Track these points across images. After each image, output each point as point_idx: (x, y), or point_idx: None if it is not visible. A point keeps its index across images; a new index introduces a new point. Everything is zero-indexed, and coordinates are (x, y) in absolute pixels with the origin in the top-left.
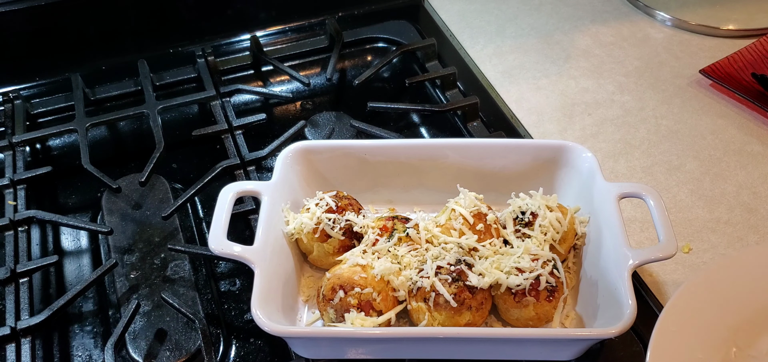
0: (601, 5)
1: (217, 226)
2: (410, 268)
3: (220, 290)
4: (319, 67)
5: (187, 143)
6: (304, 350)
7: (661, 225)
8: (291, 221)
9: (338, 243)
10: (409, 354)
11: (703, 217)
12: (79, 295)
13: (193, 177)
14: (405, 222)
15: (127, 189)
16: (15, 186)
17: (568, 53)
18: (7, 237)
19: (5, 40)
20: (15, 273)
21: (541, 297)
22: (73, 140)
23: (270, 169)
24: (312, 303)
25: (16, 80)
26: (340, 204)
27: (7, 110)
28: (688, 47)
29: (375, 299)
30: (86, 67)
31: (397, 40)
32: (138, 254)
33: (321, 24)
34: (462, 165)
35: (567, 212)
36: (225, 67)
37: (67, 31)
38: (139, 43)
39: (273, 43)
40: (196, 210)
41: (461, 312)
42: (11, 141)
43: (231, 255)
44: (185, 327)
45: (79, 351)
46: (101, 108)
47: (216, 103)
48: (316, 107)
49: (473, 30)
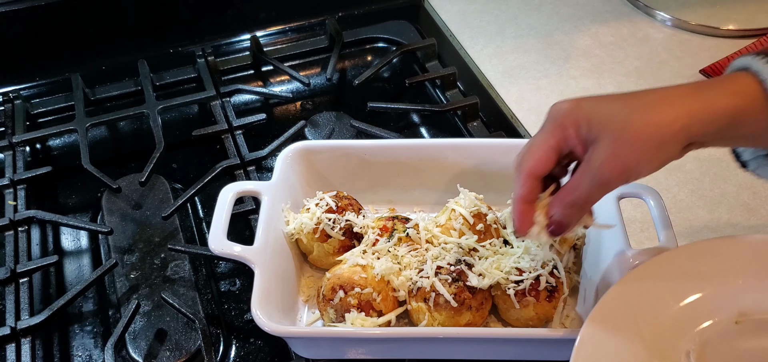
0: (601, 5)
1: (217, 226)
2: (410, 268)
3: (220, 290)
4: (319, 67)
5: (187, 143)
6: (304, 350)
7: (661, 226)
8: (291, 221)
9: (338, 243)
10: (409, 354)
11: (703, 217)
12: (79, 295)
13: (193, 177)
14: (405, 222)
15: (127, 189)
16: (15, 186)
17: (568, 53)
18: (7, 237)
19: (5, 40)
20: (15, 273)
21: (541, 298)
22: (73, 140)
23: (270, 169)
24: (312, 303)
25: (16, 80)
26: (340, 204)
27: (7, 110)
28: (689, 47)
29: (375, 299)
30: (86, 67)
31: (397, 40)
32: (138, 254)
33: (321, 24)
34: (462, 165)
35: None
36: (225, 67)
37: (67, 31)
38: (139, 43)
39: (273, 43)
40: (196, 210)
41: (461, 312)
42: (11, 141)
43: (231, 255)
44: (185, 327)
45: (79, 351)
46: (101, 108)
47: (216, 103)
48: (316, 107)
49: (473, 30)
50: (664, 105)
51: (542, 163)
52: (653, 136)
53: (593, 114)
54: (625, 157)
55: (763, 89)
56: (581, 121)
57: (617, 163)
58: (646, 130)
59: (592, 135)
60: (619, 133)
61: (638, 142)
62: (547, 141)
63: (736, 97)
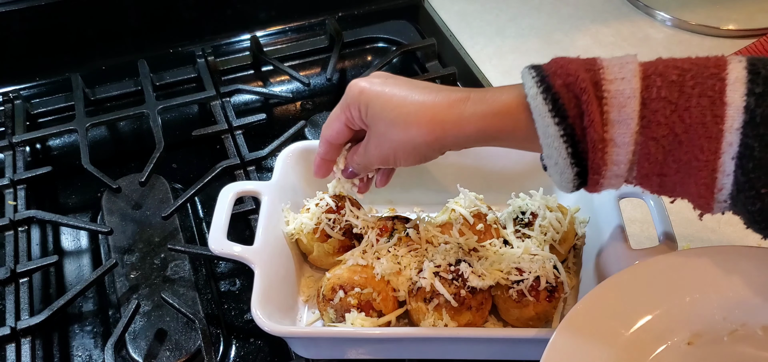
0: (602, 5)
1: (217, 226)
2: (410, 268)
3: (220, 290)
4: (319, 67)
5: (187, 143)
6: (304, 350)
7: (661, 226)
8: (291, 221)
9: (338, 243)
10: (409, 354)
11: (704, 217)
12: (79, 295)
13: (193, 177)
14: (405, 222)
15: (127, 189)
16: (15, 186)
17: (568, 53)
18: (7, 237)
19: (5, 40)
20: (15, 273)
21: (541, 298)
22: (73, 140)
23: (270, 169)
24: (312, 303)
25: (16, 80)
26: (340, 204)
27: (7, 110)
28: (689, 47)
29: (375, 299)
30: (86, 67)
31: (397, 40)
32: (138, 254)
33: (321, 24)
34: (462, 165)
35: (567, 212)
36: (225, 67)
37: (67, 31)
38: (139, 43)
39: (273, 43)
40: (196, 210)
41: (461, 312)
42: (11, 141)
43: (231, 255)
44: (185, 327)
45: (79, 351)
46: (101, 108)
47: (216, 103)
48: (316, 107)
49: (473, 30)
50: (426, 115)
51: (335, 135)
52: (409, 141)
53: (371, 105)
54: (387, 150)
55: (526, 104)
56: (362, 107)
57: (381, 152)
58: (404, 134)
59: (368, 121)
60: (384, 129)
61: (397, 143)
62: (340, 117)
63: (491, 117)
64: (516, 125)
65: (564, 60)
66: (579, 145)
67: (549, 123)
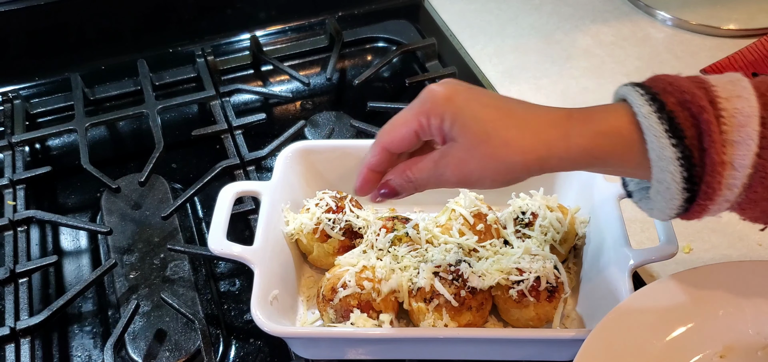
0: (602, 5)
1: (216, 226)
2: (410, 268)
3: (219, 290)
4: (319, 67)
5: (187, 143)
6: (304, 350)
7: (662, 226)
8: (291, 221)
9: (338, 243)
10: (409, 354)
11: (704, 218)
12: (78, 295)
13: (193, 177)
14: (405, 222)
15: (126, 189)
16: (14, 186)
17: (568, 53)
18: (6, 237)
19: (5, 40)
20: (14, 274)
21: (541, 298)
22: (72, 140)
23: (270, 169)
24: (312, 303)
25: (15, 80)
26: (340, 204)
27: (7, 110)
28: (689, 47)
29: (375, 299)
30: (86, 67)
31: (397, 40)
32: (137, 254)
33: (321, 24)
34: None
35: (567, 212)
36: (225, 66)
37: (67, 31)
38: (139, 43)
39: (273, 43)
40: (196, 211)
41: (461, 313)
42: (11, 141)
43: (231, 256)
44: (185, 327)
45: (78, 352)
46: (101, 108)
47: (216, 103)
48: (316, 107)
49: (473, 30)
50: (527, 131)
51: (398, 142)
52: (505, 160)
53: (459, 115)
54: (472, 169)
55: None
56: (446, 117)
57: (462, 170)
58: (500, 152)
59: (452, 134)
60: (475, 143)
61: (488, 161)
62: (410, 124)
63: (600, 138)
64: (627, 148)
65: (670, 77)
66: (694, 169)
67: (665, 144)
